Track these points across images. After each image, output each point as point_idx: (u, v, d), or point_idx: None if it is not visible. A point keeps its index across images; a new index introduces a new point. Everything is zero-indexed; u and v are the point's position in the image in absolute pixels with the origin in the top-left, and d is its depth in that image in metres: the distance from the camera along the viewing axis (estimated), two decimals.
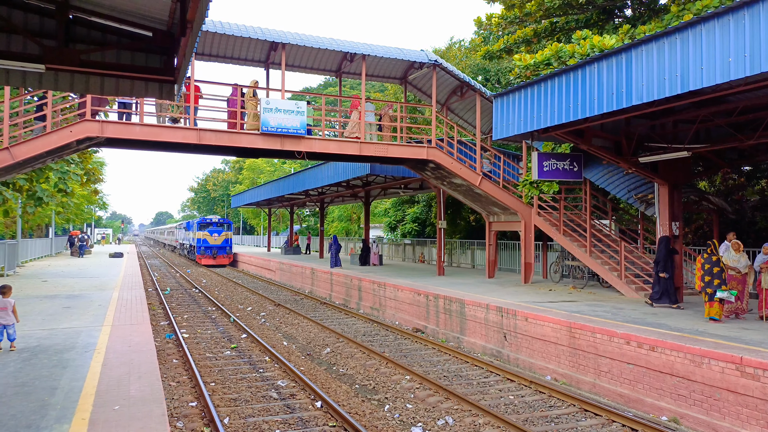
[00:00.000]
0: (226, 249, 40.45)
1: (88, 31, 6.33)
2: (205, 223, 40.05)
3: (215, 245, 39.86)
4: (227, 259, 40.63)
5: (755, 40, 7.24)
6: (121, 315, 11.39)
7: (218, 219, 40.82)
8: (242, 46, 16.71)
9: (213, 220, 40.46)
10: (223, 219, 41.04)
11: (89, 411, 5.49)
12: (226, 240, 40.30)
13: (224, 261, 40.45)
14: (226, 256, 40.59)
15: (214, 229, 39.85)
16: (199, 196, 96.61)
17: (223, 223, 40.53)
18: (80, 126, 13.06)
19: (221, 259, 40.32)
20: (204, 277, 31.79)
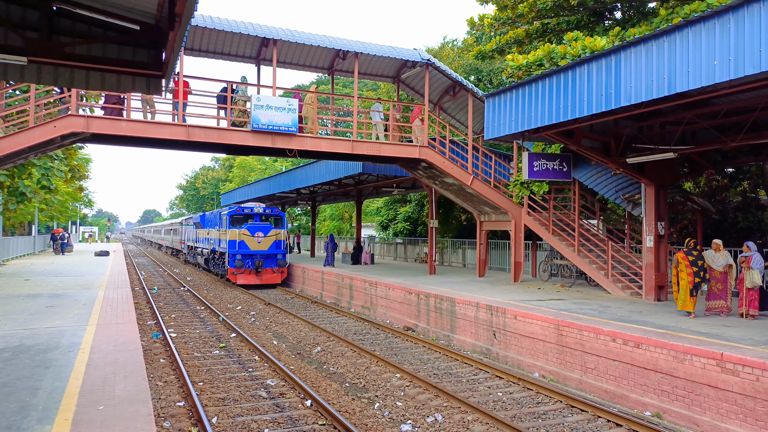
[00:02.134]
0: (277, 258, 24.56)
1: (72, 23, 6.23)
2: (242, 215, 24.77)
3: (260, 252, 24.17)
4: (279, 274, 24.81)
5: (739, 44, 7.33)
6: (106, 314, 11.26)
7: (263, 208, 25.38)
8: (233, 42, 16.59)
9: (255, 209, 25.11)
10: (271, 208, 25.66)
11: (72, 411, 5.42)
12: (278, 244, 24.62)
13: (274, 278, 24.68)
14: (278, 270, 24.74)
15: (257, 225, 24.36)
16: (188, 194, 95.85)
17: (271, 216, 25.41)
18: (65, 121, 12.89)
19: (269, 276, 24.56)
20: (193, 275, 31.55)
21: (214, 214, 28.62)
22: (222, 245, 25.49)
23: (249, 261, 23.88)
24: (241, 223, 24.37)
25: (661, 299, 12.74)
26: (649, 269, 12.84)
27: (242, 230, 23.81)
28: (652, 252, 12.84)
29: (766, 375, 6.75)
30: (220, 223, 25.94)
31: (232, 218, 24.28)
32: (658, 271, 12.72)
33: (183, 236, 41.40)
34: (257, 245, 24.00)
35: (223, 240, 25.19)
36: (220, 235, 26.09)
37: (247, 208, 25.01)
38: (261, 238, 24.04)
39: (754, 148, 13.07)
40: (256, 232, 23.99)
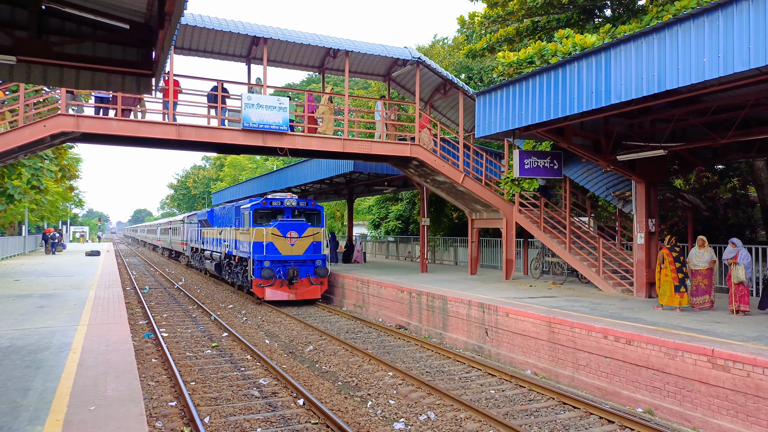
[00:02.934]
0: (316, 265, 18.81)
1: (62, 22, 6.19)
2: (269, 210, 19.05)
3: (294, 258, 18.48)
4: (318, 286, 18.88)
5: (728, 42, 7.39)
6: (97, 314, 11.19)
7: (296, 200, 19.33)
8: (223, 41, 16.52)
9: (286, 201, 19.15)
10: (306, 200, 19.71)
11: (64, 412, 5.38)
12: (315, 247, 18.97)
13: (312, 291, 18.75)
14: (317, 280, 18.78)
15: (289, 222, 18.79)
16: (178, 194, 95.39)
17: (306, 210, 19.57)
18: (54, 120, 12.79)
19: (306, 288, 18.65)
20: (185, 275, 31.40)
21: (229, 209, 22.89)
22: (242, 248, 19.60)
23: (280, 269, 17.99)
24: (269, 219, 18.72)
25: (653, 296, 12.84)
26: (640, 266, 12.93)
27: (271, 229, 18.14)
28: (643, 249, 12.93)
29: (756, 371, 6.82)
30: (239, 220, 20.32)
31: (257, 213, 18.63)
32: (649, 268, 12.81)
33: (185, 236, 34.82)
34: (290, 249, 18.27)
35: (243, 242, 19.48)
36: (238, 235, 20.43)
37: (275, 199, 18.89)
38: (295, 239, 18.18)
39: (744, 145, 13.19)
40: (288, 231, 18.24)
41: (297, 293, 18.39)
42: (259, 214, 18.91)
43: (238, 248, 20.44)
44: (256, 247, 18.22)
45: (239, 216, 20.46)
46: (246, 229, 19.03)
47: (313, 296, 18.65)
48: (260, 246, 18.25)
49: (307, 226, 18.81)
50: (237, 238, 20.69)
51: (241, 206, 20.32)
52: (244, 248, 19.54)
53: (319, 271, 18.67)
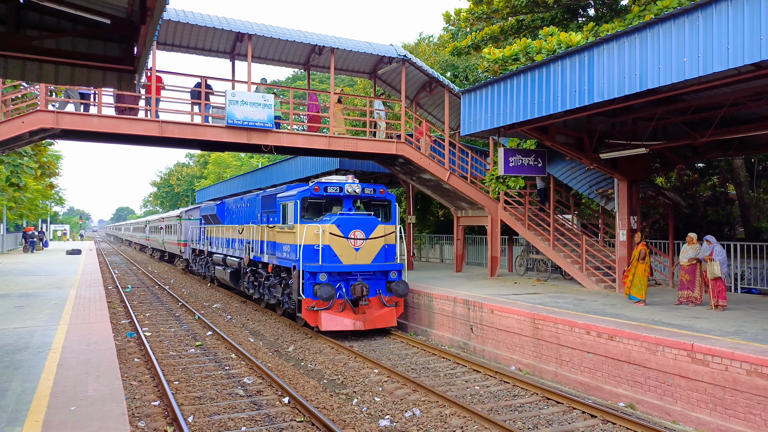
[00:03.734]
0: (389, 278, 13.31)
1: (40, 16, 6.07)
2: (322, 198, 13.53)
3: (361, 269, 12.97)
4: (393, 308, 13.24)
5: (708, 42, 7.50)
6: (78, 313, 11.03)
7: (361, 186, 13.71)
8: (207, 37, 16.36)
9: (346, 187, 13.48)
10: (373, 186, 14.01)
11: (43, 413, 5.30)
12: (387, 252, 13.60)
13: (386, 316, 13.08)
14: (390, 300, 13.23)
15: (353, 217, 13.29)
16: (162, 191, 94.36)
17: (374, 200, 14.11)
18: (33, 117, 12.56)
19: (378, 313, 13.01)
20: (170, 274, 31.08)
21: (252, 201, 17.47)
22: (280, 253, 14.18)
23: (341, 285, 12.64)
24: (319, 212, 13.36)
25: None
26: (622, 262, 13.09)
27: (328, 227, 12.63)
28: (625, 246, 13.09)
29: (734, 365, 6.96)
30: (274, 214, 14.94)
31: (306, 203, 13.17)
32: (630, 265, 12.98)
33: (183, 235, 29.10)
34: (354, 255, 12.82)
35: (282, 244, 14.10)
36: (273, 234, 14.84)
37: (332, 184, 13.35)
38: (360, 241, 12.86)
39: (723, 144, 13.42)
40: (352, 229, 12.83)
41: (366, 319, 12.60)
42: (310, 204, 13.24)
43: (274, 253, 14.75)
44: (307, 252, 12.69)
45: (274, 208, 14.90)
46: (288, 227, 13.54)
47: (387, 323, 12.89)
48: (313, 251, 12.69)
49: (376, 223, 13.16)
50: (270, 238, 15.10)
51: (279, 194, 14.57)
52: (283, 253, 13.98)
53: (396, 288, 12.91)
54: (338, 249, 12.75)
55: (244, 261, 17.39)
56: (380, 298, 13.04)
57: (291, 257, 13.48)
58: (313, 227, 12.81)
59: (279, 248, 14.44)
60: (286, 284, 14.03)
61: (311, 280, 12.52)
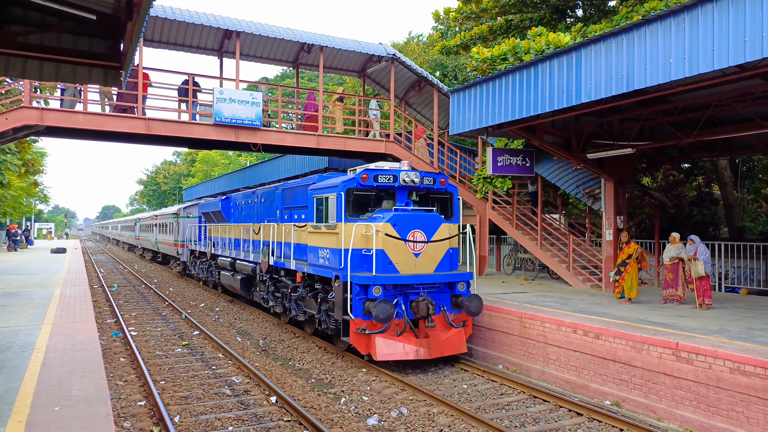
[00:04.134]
0: (456, 291, 10.45)
1: (25, 12, 5.99)
2: (372, 189, 10.51)
3: (422, 280, 10.06)
4: (461, 330, 10.23)
5: (693, 43, 7.59)
6: (63, 313, 10.90)
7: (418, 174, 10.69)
8: (194, 34, 16.23)
9: (402, 176, 10.47)
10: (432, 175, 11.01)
11: (26, 413, 5.23)
12: (451, 258, 10.85)
13: (454, 341, 10.05)
14: (458, 319, 10.29)
15: (413, 214, 10.34)
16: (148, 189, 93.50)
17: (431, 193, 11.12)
18: (17, 113, 12.39)
19: (445, 336, 10.00)
20: (155, 273, 30.80)
21: (270, 194, 14.55)
22: (316, 259, 11.32)
23: (399, 301, 9.90)
24: (366, 207, 10.61)
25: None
26: (609, 262, 13.21)
27: (382, 225, 9.96)
28: (612, 245, 13.21)
29: (718, 363, 7.05)
30: (309, 210, 11.67)
31: (351, 196, 10.40)
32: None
33: (180, 235, 26.04)
34: (413, 262, 10.21)
35: (318, 248, 11.21)
36: (304, 236, 11.92)
37: (383, 172, 10.58)
38: (422, 244, 10.27)
39: (708, 145, 13.59)
40: (411, 229, 10.18)
41: (431, 345, 9.75)
42: (355, 199, 10.39)
43: (304, 258, 11.89)
44: (356, 258, 9.91)
45: (304, 203, 11.99)
46: (328, 227, 10.66)
47: (455, 349, 10.04)
48: (361, 257, 10.01)
49: (440, 221, 10.49)
50: (299, 240, 12.19)
51: (312, 186, 11.58)
52: (319, 259, 11.13)
53: (469, 305, 9.99)
54: (394, 255, 9.95)
55: (261, 267, 14.36)
56: (445, 317, 10.08)
57: (331, 264, 10.55)
58: (362, 227, 9.95)
59: (312, 253, 11.40)
60: (324, 299, 11.03)
61: (361, 295, 9.66)
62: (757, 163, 20.51)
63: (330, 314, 10.72)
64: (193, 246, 23.52)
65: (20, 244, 36.19)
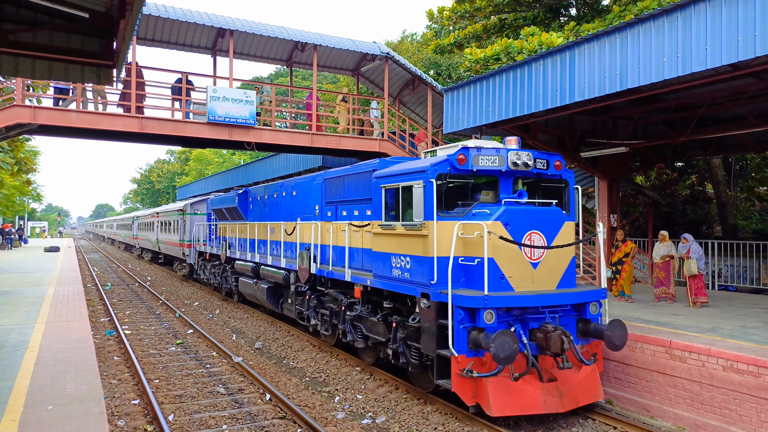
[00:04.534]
0: (579, 319, 7.65)
1: (17, 9, 5.95)
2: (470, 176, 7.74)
3: (548, 301, 7.21)
4: (593, 367, 7.46)
5: (687, 42, 7.63)
6: (56, 311, 10.86)
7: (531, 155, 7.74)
8: (188, 32, 16.16)
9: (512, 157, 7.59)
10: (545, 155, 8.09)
11: (20, 412, 5.22)
12: (571, 270, 7.83)
13: (589, 385, 7.32)
14: (588, 352, 7.55)
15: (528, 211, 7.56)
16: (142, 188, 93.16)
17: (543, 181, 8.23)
18: (9, 111, 12.31)
19: (578, 378, 7.26)
20: (150, 272, 30.67)
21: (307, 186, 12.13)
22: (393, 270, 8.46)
23: (518, 329, 7.12)
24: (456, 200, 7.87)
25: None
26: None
27: (490, 224, 7.17)
28: (605, 243, 13.26)
29: (710, 360, 7.10)
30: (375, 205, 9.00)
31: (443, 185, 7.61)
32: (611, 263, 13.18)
33: (186, 234, 23.36)
34: (530, 275, 7.49)
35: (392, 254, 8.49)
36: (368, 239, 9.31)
37: (484, 152, 7.69)
38: (540, 251, 7.53)
39: (702, 143, 13.67)
40: (527, 230, 7.46)
41: (563, 392, 7.19)
42: (447, 190, 7.74)
43: (367, 267, 9.30)
44: (458, 270, 7.46)
45: (369, 195, 9.20)
46: (410, 226, 7.89)
47: (591, 395, 7.49)
48: (459, 268, 7.52)
49: (562, 218, 7.93)
50: (358, 244, 9.66)
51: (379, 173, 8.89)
52: (393, 270, 8.42)
53: (612, 335, 7.33)
54: (506, 265, 7.27)
55: (300, 275, 11.56)
56: (574, 351, 7.16)
57: (414, 278, 7.80)
58: (465, 226, 7.28)
59: (380, 261, 8.68)
60: (401, 323, 8.22)
61: (465, 322, 7.02)
62: (750, 162, 20.64)
63: (411, 344, 7.94)
64: (203, 247, 20.80)
65: (14, 242, 36.01)
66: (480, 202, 7.75)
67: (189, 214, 23.63)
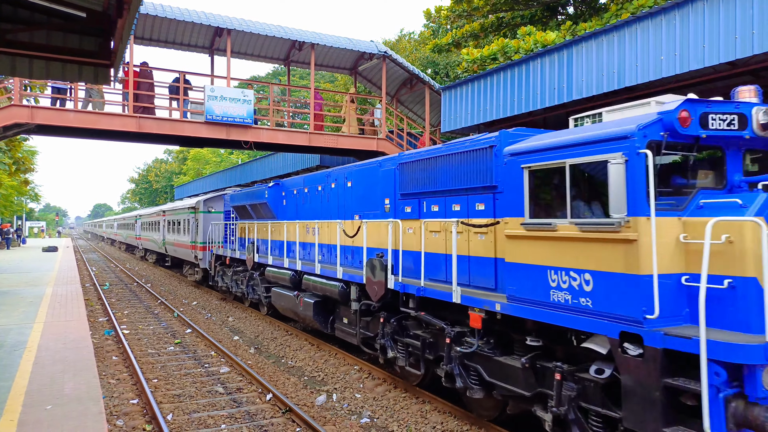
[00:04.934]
0: None
1: (14, 9, 5.94)
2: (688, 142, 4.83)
3: None
4: None
5: (684, 40, 7.66)
6: (55, 311, 10.85)
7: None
8: (185, 31, 16.15)
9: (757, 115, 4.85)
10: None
11: (18, 412, 5.22)
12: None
13: None
14: None
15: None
16: (140, 188, 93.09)
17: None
18: (7, 111, 12.29)
19: None
20: (146, 271, 30.66)
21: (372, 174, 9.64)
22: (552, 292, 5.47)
23: None
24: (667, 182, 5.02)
25: None
26: None
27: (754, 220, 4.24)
28: None
29: None
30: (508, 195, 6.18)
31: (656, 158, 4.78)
32: None
33: (202, 235, 20.40)
34: None
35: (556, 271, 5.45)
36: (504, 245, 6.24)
37: (717, 107, 4.92)
38: None
39: None
40: None
41: None
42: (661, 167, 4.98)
43: (492, 285, 6.78)
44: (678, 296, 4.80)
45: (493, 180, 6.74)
46: (598, 225, 5.03)
47: None
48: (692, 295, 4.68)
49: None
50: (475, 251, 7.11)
51: (514, 148, 6.25)
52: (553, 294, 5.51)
53: None
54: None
55: (370, 290, 8.71)
56: None
57: (603, 306, 5.07)
58: (689, 226, 4.86)
59: (525, 277, 5.90)
60: (575, 377, 5.49)
61: (723, 387, 4.23)
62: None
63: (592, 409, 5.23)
64: (220, 250, 18.16)
65: (12, 242, 36.00)
66: (702, 188, 5.12)
67: (202, 213, 20.85)
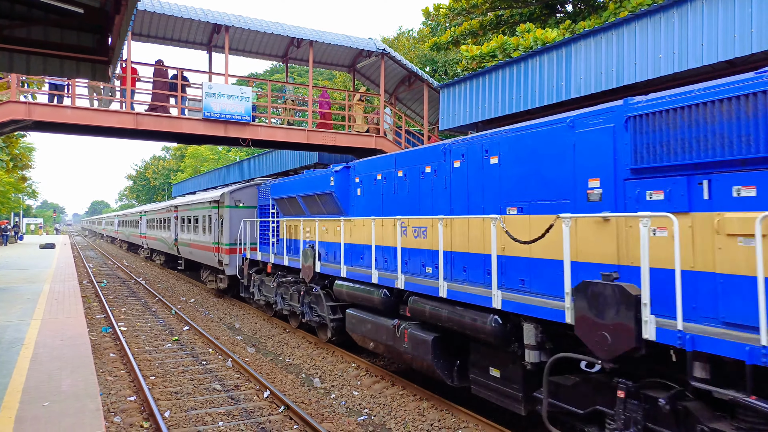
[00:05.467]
0: None
1: (11, 5, 5.92)
2: None
3: None
4: None
5: (683, 39, 7.66)
6: (52, 308, 10.84)
7: None
8: (183, 28, 16.10)
9: None
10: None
11: (16, 408, 5.21)
12: None
13: None
14: None
15: None
16: (137, 185, 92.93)
17: None
18: (4, 107, 12.25)
19: None
20: (143, 267, 30.62)
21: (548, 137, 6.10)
22: None
23: None
24: None
25: None
26: None
27: None
28: None
29: None
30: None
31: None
32: None
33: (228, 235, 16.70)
34: None
35: None
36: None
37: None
38: None
39: None
40: None
41: None
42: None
43: None
44: None
45: None
46: None
47: None
48: None
49: None
50: None
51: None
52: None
53: None
54: None
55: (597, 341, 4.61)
56: None
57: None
58: None
59: None
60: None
61: None
62: None
63: None
64: (258, 254, 14.61)
65: (9, 239, 35.95)
66: None
67: (228, 207, 16.99)
